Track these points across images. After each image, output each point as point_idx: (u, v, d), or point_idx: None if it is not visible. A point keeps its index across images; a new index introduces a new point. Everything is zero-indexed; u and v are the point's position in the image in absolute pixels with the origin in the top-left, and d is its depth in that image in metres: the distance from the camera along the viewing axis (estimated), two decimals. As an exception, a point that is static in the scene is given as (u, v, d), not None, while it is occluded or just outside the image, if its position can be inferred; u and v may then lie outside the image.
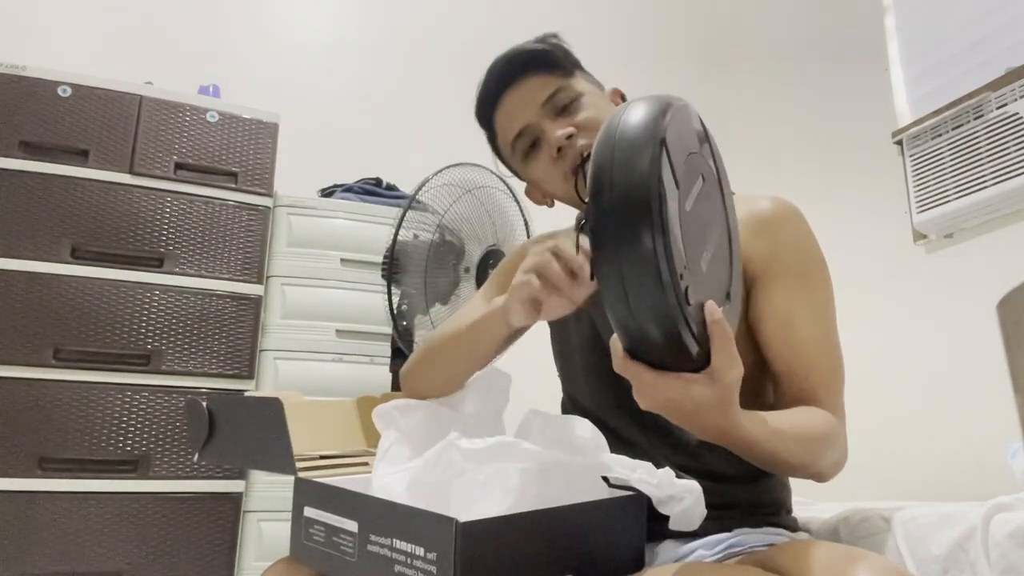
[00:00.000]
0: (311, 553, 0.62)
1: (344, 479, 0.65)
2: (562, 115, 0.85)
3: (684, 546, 0.72)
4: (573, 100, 0.86)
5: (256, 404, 0.72)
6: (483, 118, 0.93)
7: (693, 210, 0.54)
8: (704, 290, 0.53)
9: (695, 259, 0.53)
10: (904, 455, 2.02)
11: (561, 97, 0.85)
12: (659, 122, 0.51)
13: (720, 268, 0.59)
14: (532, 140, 0.87)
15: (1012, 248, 1.89)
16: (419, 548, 0.50)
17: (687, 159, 0.55)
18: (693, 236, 0.53)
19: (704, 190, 0.58)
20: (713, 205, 0.60)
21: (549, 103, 0.85)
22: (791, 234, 0.80)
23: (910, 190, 2.22)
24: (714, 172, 0.62)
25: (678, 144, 0.53)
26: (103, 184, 1.67)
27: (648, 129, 0.51)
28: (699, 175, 0.58)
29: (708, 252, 0.56)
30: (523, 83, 0.86)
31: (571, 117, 0.85)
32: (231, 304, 1.73)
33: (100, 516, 1.52)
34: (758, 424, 0.61)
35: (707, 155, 0.61)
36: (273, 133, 1.87)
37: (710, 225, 0.58)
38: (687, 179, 0.54)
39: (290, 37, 2.40)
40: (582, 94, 0.87)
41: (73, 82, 1.70)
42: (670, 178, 0.51)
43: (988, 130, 2.00)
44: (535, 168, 0.88)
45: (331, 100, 2.37)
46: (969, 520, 0.94)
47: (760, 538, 0.71)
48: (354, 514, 0.58)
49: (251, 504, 1.66)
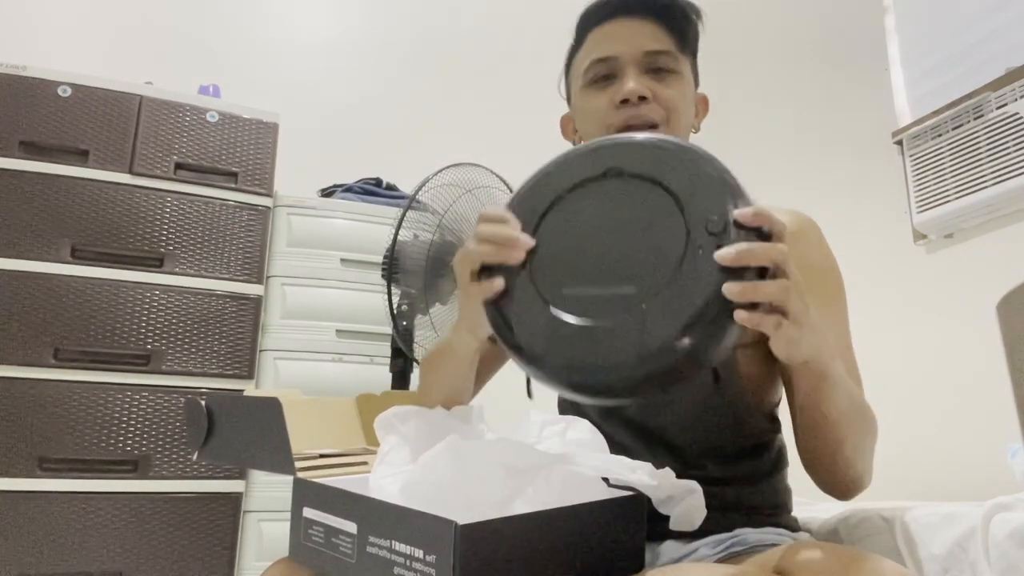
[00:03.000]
0: (310, 554, 0.62)
1: (342, 479, 0.64)
2: (653, 76, 0.80)
3: (686, 546, 0.72)
4: (671, 73, 0.81)
5: (254, 404, 0.71)
6: (582, 27, 0.86)
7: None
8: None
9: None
10: (904, 455, 2.02)
11: (664, 61, 0.81)
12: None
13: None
14: (608, 73, 0.82)
15: (1012, 248, 1.89)
16: (418, 550, 0.50)
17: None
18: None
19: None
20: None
21: (650, 57, 0.80)
22: (812, 247, 0.79)
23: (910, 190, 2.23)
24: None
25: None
26: (103, 184, 1.67)
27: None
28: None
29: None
30: (642, 22, 0.81)
31: (658, 84, 0.80)
32: (231, 304, 1.73)
33: (100, 516, 1.52)
34: (836, 361, 0.63)
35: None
36: (273, 133, 1.87)
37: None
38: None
39: (290, 37, 2.40)
40: (681, 76, 0.82)
41: (73, 82, 1.70)
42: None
43: (988, 130, 2.00)
44: (589, 100, 0.83)
45: (331, 100, 2.37)
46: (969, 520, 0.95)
47: (762, 537, 0.71)
48: (353, 515, 0.57)
49: (251, 504, 1.66)
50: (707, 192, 0.54)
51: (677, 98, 0.80)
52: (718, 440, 0.78)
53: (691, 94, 0.85)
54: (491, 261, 0.59)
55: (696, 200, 0.54)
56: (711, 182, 0.54)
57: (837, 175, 2.41)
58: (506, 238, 0.59)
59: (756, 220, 0.52)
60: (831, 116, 2.52)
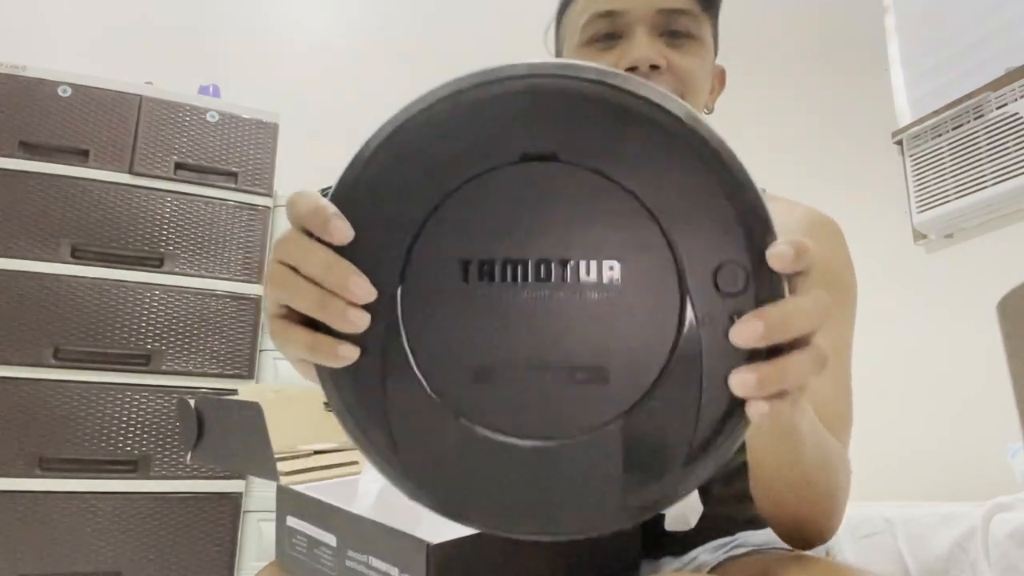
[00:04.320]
0: (294, 563, 0.62)
1: (331, 483, 0.64)
2: (668, 40, 0.67)
3: (686, 555, 0.69)
4: (689, 37, 0.67)
5: (237, 408, 0.70)
6: None
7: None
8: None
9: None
10: (904, 455, 2.02)
11: (682, 22, 0.67)
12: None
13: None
14: (613, 31, 0.67)
15: (1012, 248, 1.89)
16: (393, 568, 0.49)
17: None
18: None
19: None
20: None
21: (666, 16, 0.66)
22: (832, 251, 0.69)
23: (910, 190, 2.22)
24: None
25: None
26: (103, 184, 1.67)
27: None
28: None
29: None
30: None
31: (673, 50, 0.67)
32: (231, 304, 1.73)
33: (100, 516, 1.52)
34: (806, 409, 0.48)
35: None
36: (273, 133, 1.87)
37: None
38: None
39: (290, 37, 2.40)
40: (701, 42, 0.68)
41: (73, 82, 1.70)
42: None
43: (988, 130, 2.00)
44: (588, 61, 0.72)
45: (331, 100, 2.37)
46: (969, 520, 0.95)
47: (764, 539, 0.70)
48: (333, 528, 0.56)
49: (251, 504, 1.66)
50: (714, 218, 0.33)
51: (696, 69, 0.67)
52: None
53: (711, 65, 0.71)
54: (309, 314, 0.34)
55: (695, 231, 0.33)
56: (720, 200, 0.33)
57: (837, 175, 2.41)
58: (340, 286, 0.33)
59: (797, 263, 0.32)
60: (831, 116, 2.52)
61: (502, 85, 0.34)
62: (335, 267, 0.33)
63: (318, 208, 0.33)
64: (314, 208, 0.34)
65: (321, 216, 0.33)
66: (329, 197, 0.34)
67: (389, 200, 0.34)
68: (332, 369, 0.34)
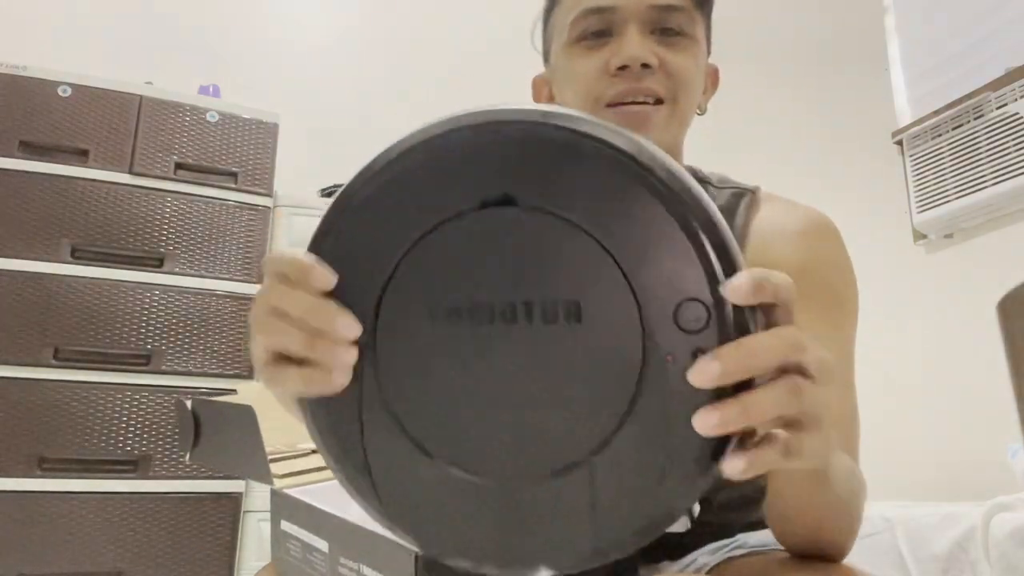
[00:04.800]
0: (289, 567, 0.62)
1: (325, 486, 0.63)
2: (660, 38, 0.65)
3: (685, 558, 0.69)
4: (682, 36, 0.65)
5: (231, 411, 0.70)
6: None
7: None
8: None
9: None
10: (904, 455, 2.02)
11: (675, 19, 0.65)
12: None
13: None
14: (602, 28, 0.65)
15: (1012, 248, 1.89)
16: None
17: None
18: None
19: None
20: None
21: (658, 13, 0.64)
22: (829, 253, 0.67)
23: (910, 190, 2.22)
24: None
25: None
26: (103, 184, 1.67)
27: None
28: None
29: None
30: None
31: (666, 48, 0.64)
32: (231, 304, 1.73)
33: (100, 516, 1.52)
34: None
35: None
36: (273, 133, 1.87)
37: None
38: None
39: (290, 37, 2.40)
40: (694, 40, 0.66)
41: (73, 82, 1.70)
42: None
43: (988, 130, 2.00)
44: (575, 61, 0.66)
45: (331, 100, 2.37)
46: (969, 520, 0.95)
47: (763, 539, 0.70)
48: (325, 533, 0.56)
49: (251, 504, 1.66)
50: (673, 254, 0.32)
51: (689, 68, 0.65)
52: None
53: (704, 64, 0.69)
54: (298, 356, 0.36)
55: (654, 268, 0.32)
56: (677, 234, 0.32)
57: (837, 175, 2.41)
58: (326, 325, 0.35)
59: (759, 295, 0.32)
60: (831, 116, 2.52)
61: (461, 134, 0.35)
62: (320, 309, 0.35)
63: (296, 260, 0.35)
64: (292, 260, 0.36)
65: (300, 266, 0.35)
66: (311, 241, 0.36)
67: (362, 247, 0.35)
68: (314, 409, 0.36)
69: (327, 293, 0.35)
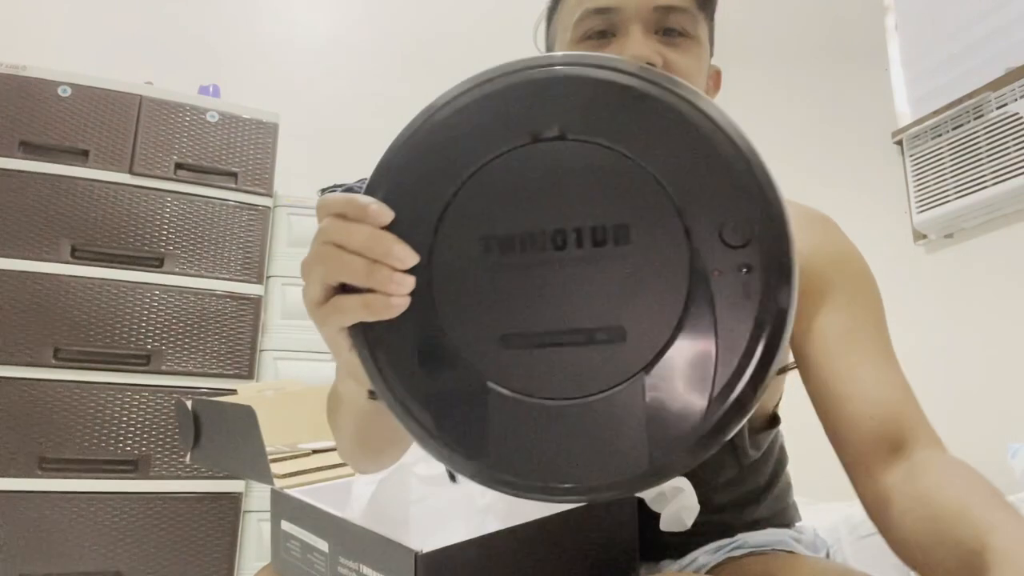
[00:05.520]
0: (289, 567, 0.62)
1: (325, 486, 0.63)
2: (663, 39, 0.65)
3: (685, 557, 0.69)
4: (685, 36, 0.65)
5: (231, 411, 0.70)
6: None
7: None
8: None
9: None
10: (904, 455, 2.02)
11: (678, 20, 0.65)
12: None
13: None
14: (607, 29, 0.65)
15: (1012, 248, 1.89)
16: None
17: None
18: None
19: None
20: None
21: (662, 14, 0.64)
22: (828, 242, 0.68)
23: (910, 190, 2.22)
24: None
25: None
26: (103, 184, 1.67)
27: None
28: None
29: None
30: None
31: (669, 49, 0.64)
32: (231, 304, 1.73)
33: (100, 516, 1.52)
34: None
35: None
36: (273, 133, 1.87)
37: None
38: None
39: (290, 37, 2.40)
40: (697, 40, 0.67)
41: (73, 82, 1.70)
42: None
43: (988, 130, 2.00)
44: None
45: (331, 100, 2.37)
46: (969, 520, 0.94)
47: (763, 539, 0.70)
48: (325, 534, 0.56)
49: (251, 504, 1.66)
50: (717, 179, 0.35)
51: (692, 68, 0.65)
52: (714, 471, 0.70)
53: (707, 65, 0.70)
54: (358, 284, 0.38)
55: (700, 192, 0.35)
56: (717, 155, 0.35)
57: (837, 175, 2.41)
58: (385, 254, 0.37)
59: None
60: (831, 116, 2.52)
61: (514, 76, 0.37)
62: (378, 239, 0.37)
63: (354, 198, 0.38)
64: (349, 199, 0.38)
65: (358, 203, 0.38)
66: (368, 181, 0.39)
67: (417, 184, 0.38)
68: (370, 344, 0.38)
69: (384, 229, 0.37)
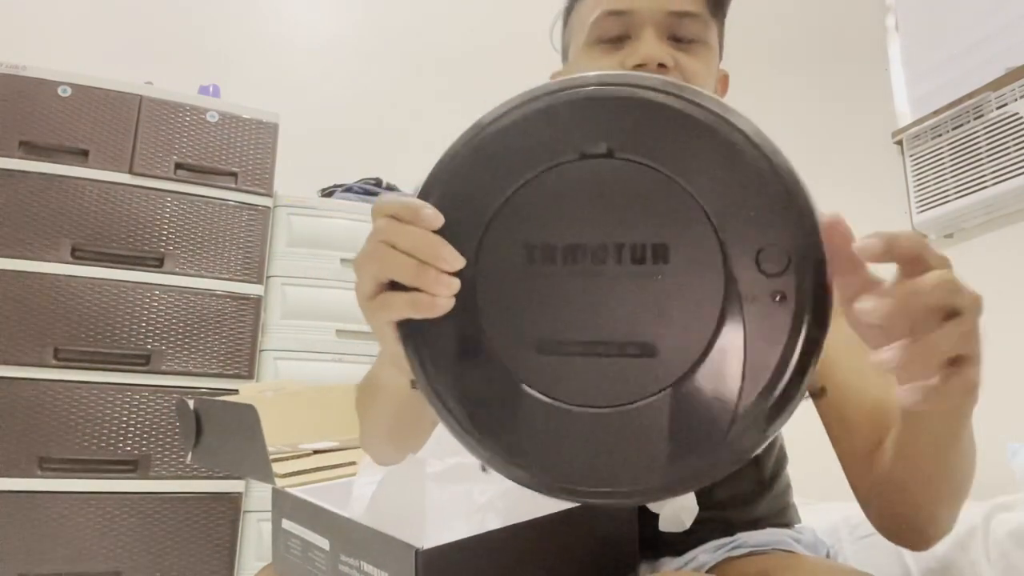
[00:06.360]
0: (289, 566, 0.62)
1: (326, 485, 0.63)
2: (675, 43, 0.66)
3: (684, 555, 0.69)
4: (697, 42, 0.67)
5: (233, 410, 0.70)
6: None
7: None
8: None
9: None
10: (904, 455, 2.02)
11: (691, 26, 0.67)
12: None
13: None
14: (622, 32, 0.67)
15: (1012, 248, 1.89)
16: (384, 573, 0.49)
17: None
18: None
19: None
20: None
21: (675, 19, 0.66)
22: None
23: (910, 190, 2.22)
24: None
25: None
26: (103, 184, 1.67)
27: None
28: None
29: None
30: None
31: (681, 53, 0.66)
32: (231, 304, 1.73)
33: (100, 516, 1.52)
34: None
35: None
36: (273, 133, 1.87)
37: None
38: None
39: (290, 37, 2.40)
40: (708, 46, 0.68)
41: (73, 82, 1.70)
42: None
43: (988, 130, 2.00)
44: (594, 61, 0.69)
45: (331, 100, 2.37)
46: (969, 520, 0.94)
47: (763, 539, 0.70)
48: (326, 531, 0.56)
49: (251, 504, 1.66)
50: (757, 205, 0.35)
51: (703, 72, 0.66)
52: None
53: (716, 69, 0.71)
54: (407, 283, 0.40)
55: (739, 217, 0.35)
56: (758, 182, 0.35)
57: (837, 175, 2.40)
58: (433, 256, 0.39)
59: (891, 252, 0.35)
60: (831, 116, 2.52)
61: (565, 95, 0.39)
62: (428, 242, 0.39)
63: (408, 202, 0.41)
64: (405, 202, 0.41)
65: (411, 206, 0.40)
66: (420, 187, 0.41)
67: (467, 193, 0.40)
68: (415, 339, 0.40)
69: (434, 233, 0.39)
